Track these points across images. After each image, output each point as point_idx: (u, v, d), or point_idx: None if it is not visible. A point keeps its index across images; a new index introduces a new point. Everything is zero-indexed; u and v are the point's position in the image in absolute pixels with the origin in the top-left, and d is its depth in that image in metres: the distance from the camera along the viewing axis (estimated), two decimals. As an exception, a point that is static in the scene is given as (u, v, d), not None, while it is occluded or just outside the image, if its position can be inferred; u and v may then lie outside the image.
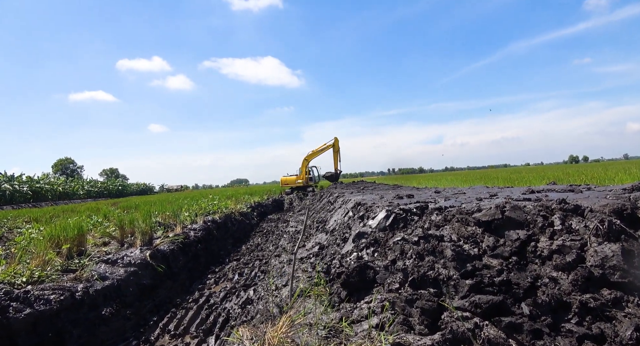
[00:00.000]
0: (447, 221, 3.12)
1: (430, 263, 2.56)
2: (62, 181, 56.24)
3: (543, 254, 2.42)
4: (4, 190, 39.25)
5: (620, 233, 2.26)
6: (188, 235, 9.84)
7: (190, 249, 9.35)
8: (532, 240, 2.54)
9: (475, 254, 2.57)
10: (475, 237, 2.74)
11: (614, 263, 2.11)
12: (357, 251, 3.75)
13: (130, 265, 6.49)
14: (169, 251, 8.07)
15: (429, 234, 2.88)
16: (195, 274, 8.77)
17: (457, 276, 2.39)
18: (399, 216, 3.86)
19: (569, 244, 2.34)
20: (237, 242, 13.20)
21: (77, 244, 6.68)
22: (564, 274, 2.22)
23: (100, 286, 5.32)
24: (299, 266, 4.85)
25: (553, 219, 2.58)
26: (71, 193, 53.48)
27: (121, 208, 17.54)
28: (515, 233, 2.61)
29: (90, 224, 10.09)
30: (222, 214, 14.04)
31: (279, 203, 27.79)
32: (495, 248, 2.58)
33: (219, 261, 10.24)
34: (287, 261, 5.56)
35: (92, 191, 61.11)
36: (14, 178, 44.18)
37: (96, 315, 4.93)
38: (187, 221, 11.56)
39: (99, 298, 5.14)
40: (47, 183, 48.88)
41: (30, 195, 43.54)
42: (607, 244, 2.22)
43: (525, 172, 29.21)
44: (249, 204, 20.49)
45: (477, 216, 2.88)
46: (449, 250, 2.52)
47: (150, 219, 9.69)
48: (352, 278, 3.09)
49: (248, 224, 16.79)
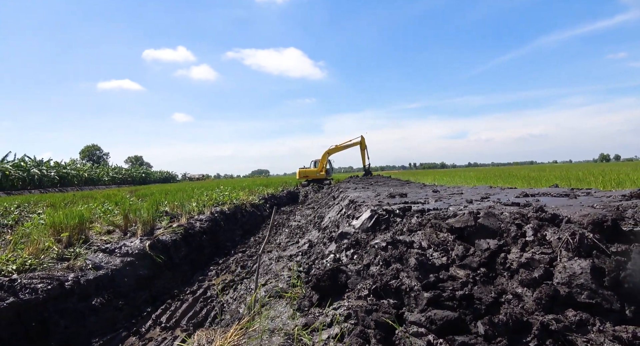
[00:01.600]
0: (422, 226, 2.96)
1: (395, 271, 2.42)
2: (88, 167, 58.02)
3: (512, 267, 2.24)
4: (32, 174, 40.83)
5: (592, 248, 2.06)
6: (193, 226, 9.90)
7: (195, 240, 9.40)
8: (503, 251, 2.36)
9: (442, 263, 2.41)
10: (446, 245, 2.58)
11: (581, 282, 1.92)
12: (337, 253, 3.63)
13: (128, 255, 6.54)
14: (170, 242, 8.12)
15: (398, 240, 2.73)
16: (198, 265, 8.81)
17: (419, 287, 2.24)
18: (381, 217, 3.71)
19: (538, 257, 2.15)
20: (246, 234, 13.23)
21: (77, 233, 6.80)
22: (529, 291, 2.04)
23: (93, 276, 5.38)
24: (287, 264, 4.77)
25: (526, 229, 2.39)
26: (96, 179, 55.19)
27: (137, 196, 17.88)
28: (485, 243, 2.43)
29: (101, 211, 10.30)
30: (232, 206, 14.10)
31: (294, 195, 27.81)
32: (464, 258, 2.41)
33: (225, 252, 10.27)
34: (277, 258, 5.49)
35: (116, 177, 62.90)
36: (42, 163, 45.83)
37: (86, 305, 4.99)
38: (195, 211, 11.64)
39: (90, 288, 5.20)
40: (73, 169, 50.55)
41: (58, 180, 45.18)
42: (577, 260, 2.02)
43: (549, 170, 28.25)
44: (262, 195, 20.57)
45: (451, 222, 2.70)
46: (412, 259, 2.36)
47: (155, 208, 9.80)
48: (323, 282, 2.97)
49: (259, 216, 16.84)
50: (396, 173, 61.04)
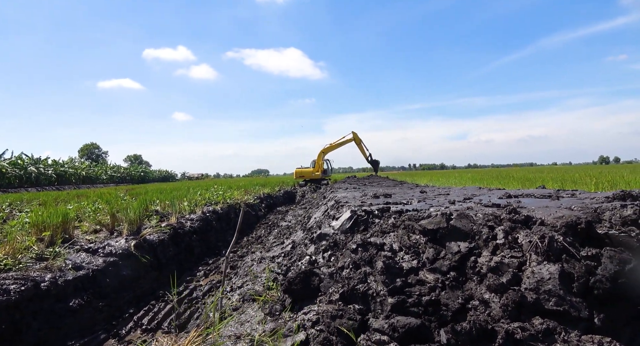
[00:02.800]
0: (396, 227, 2.86)
1: (362, 275, 2.32)
2: (86, 165, 57.94)
3: (482, 271, 2.14)
4: (30, 172, 40.75)
5: (562, 252, 1.96)
6: (183, 225, 9.80)
7: (184, 239, 9.29)
8: (474, 254, 2.26)
9: (411, 267, 2.31)
10: (418, 247, 2.48)
11: (549, 288, 1.82)
12: (314, 254, 3.53)
13: (111, 255, 6.44)
14: (157, 241, 8.01)
15: (368, 242, 2.63)
16: (187, 265, 8.70)
17: (385, 292, 2.14)
18: (360, 218, 3.61)
19: (507, 261, 2.05)
20: (239, 233, 13.13)
21: (61, 232, 6.69)
22: (497, 297, 1.94)
23: (72, 276, 5.27)
24: (268, 265, 4.66)
25: (497, 232, 2.29)
26: (94, 177, 55.11)
27: (130, 195, 17.77)
28: (456, 245, 2.33)
29: (91, 210, 10.19)
30: (225, 205, 14.00)
31: (291, 195, 27.71)
32: (435, 261, 2.31)
33: (215, 252, 10.17)
34: (259, 259, 5.39)
35: (114, 176, 62.83)
36: (40, 161, 45.73)
37: (63, 306, 4.88)
38: (186, 210, 11.54)
39: (68, 289, 5.09)
40: (71, 167, 50.44)
41: (55, 178, 45.10)
42: (546, 265, 1.92)
43: (547, 172, 28.16)
44: (258, 195, 20.47)
45: (423, 223, 2.60)
46: (379, 262, 2.26)
47: (144, 207, 9.70)
48: (295, 285, 2.87)
49: (254, 216, 16.72)
50: (395, 173, 60.94)
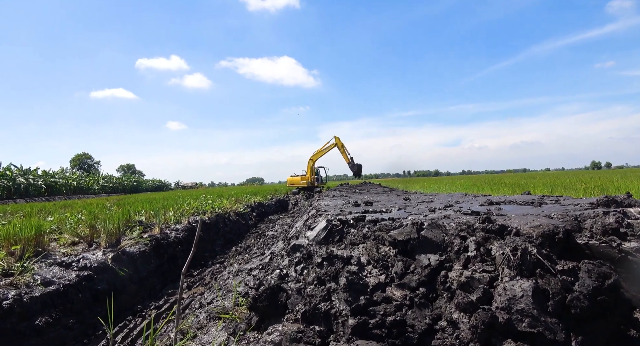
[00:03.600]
0: (366, 238, 2.68)
1: (325, 293, 2.12)
2: (77, 176, 57.34)
3: (452, 287, 1.95)
4: (18, 184, 40.18)
5: (536, 266, 1.78)
6: (167, 236, 9.54)
7: (167, 251, 9.03)
8: (445, 268, 2.08)
9: (378, 282, 2.12)
10: (387, 260, 2.29)
11: (522, 306, 1.64)
12: (287, 267, 3.33)
13: (86, 269, 6.17)
14: (137, 253, 7.76)
15: (334, 255, 2.44)
16: (170, 278, 8.44)
17: (348, 311, 1.95)
18: (335, 228, 3.42)
19: (478, 276, 1.87)
20: (228, 243, 12.85)
21: (34, 245, 6.42)
22: (466, 317, 1.76)
23: (40, 293, 5.00)
24: (245, 278, 4.45)
25: (468, 243, 2.11)
26: (86, 187, 54.49)
27: (118, 205, 17.45)
28: (426, 258, 2.15)
29: (74, 222, 9.90)
30: (213, 215, 13.73)
31: (283, 203, 27.45)
32: (404, 276, 2.13)
33: (201, 264, 9.90)
34: (237, 271, 5.16)
35: (107, 186, 62.18)
36: (29, 171, 45.14)
37: (28, 325, 4.62)
38: (172, 221, 11.27)
39: (35, 306, 4.83)
40: (61, 178, 49.86)
41: (45, 189, 44.48)
42: (519, 281, 1.74)
43: (539, 178, 28.18)
44: (249, 204, 20.21)
45: (394, 234, 2.42)
46: (343, 278, 2.07)
47: (126, 218, 9.44)
48: (260, 303, 2.66)
49: (244, 225, 16.47)
50: (389, 180, 60.87)
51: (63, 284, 5.54)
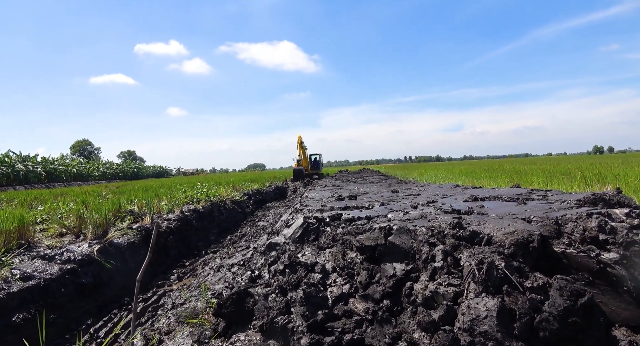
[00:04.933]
0: (335, 241, 2.52)
1: (284, 305, 1.98)
2: (77, 162, 57.27)
3: (417, 300, 1.80)
4: (17, 170, 40.14)
5: (503, 281, 1.62)
6: (158, 226, 9.42)
7: (158, 241, 8.92)
8: (411, 278, 1.93)
9: (341, 293, 1.97)
10: (353, 268, 2.13)
11: (485, 328, 1.49)
12: (261, 268, 3.18)
13: (69, 262, 6.06)
14: (125, 245, 7.65)
15: (297, 262, 2.29)
16: (160, 269, 8.34)
17: (304, 327, 1.80)
18: (311, 226, 3.26)
19: (442, 291, 1.72)
20: (223, 232, 12.75)
21: (17, 237, 6.31)
22: (427, 337, 1.61)
23: (18, 288, 4.90)
24: (224, 275, 4.32)
25: (435, 252, 1.95)
26: (86, 174, 54.52)
27: (114, 193, 17.37)
28: (391, 267, 1.99)
29: (65, 211, 9.79)
30: (208, 203, 13.60)
31: (282, 190, 27.37)
32: (368, 286, 1.98)
33: (194, 253, 9.81)
34: (218, 267, 5.03)
35: (107, 173, 62.19)
36: (28, 158, 45.04)
37: (4, 322, 4.52)
38: (164, 210, 11.14)
39: (12, 302, 4.73)
40: (61, 164, 49.78)
41: (44, 176, 44.49)
42: (484, 298, 1.58)
43: (540, 163, 27.97)
44: (247, 191, 20.10)
45: (361, 238, 2.26)
46: (300, 290, 1.92)
47: (116, 208, 9.33)
48: (226, 309, 2.52)
49: (240, 213, 16.36)
50: (389, 166, 60.71)
51: (44, 279, 5.43)
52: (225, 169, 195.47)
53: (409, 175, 18.53)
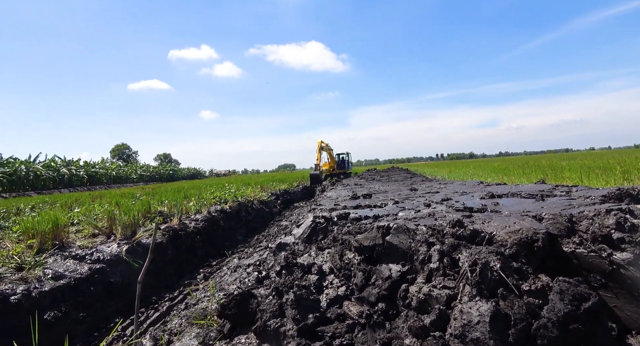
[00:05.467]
0: (336, 241, 2.45)
1: (277, 308, 1.93)
2: (116, 165, 59.84)
3: (412, 303, 1.71)
4: (62, 174, 42.41)
5: (498, 285, 1.50)
6: (186, 226, 9.63)
7: (185, 241, 9.12)
8: (407, 280, 1.83)
9: (336, 296, 1.91)
10: (350, 269, 2.06)
11: (477, 335, 1.38)
12: (269, 269, 3.16)
13: (99, 261, 6.30)
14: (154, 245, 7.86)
15: (294, 263, 2.23)
16: (187, 268, 8.52)
17: (295, 331, 1.75)
18: (319, 225, 3.21)
19: (436, 293, 1.61)
20: (250, 232, 12.90)
21: (51, 238, 6.62)
22: (417, 344, 1.52)
23: (49, 287, 5.12)
24: (240, 275, 4.34)
25: (432, 252, 1.83)
26: (124, 177, 56.89)
27: (147, 194, 18.00)
28: (387, 269, 1.90)
29: (100, 212, 10.21)
30: (235, 204, 13.79)
31: (310, 190, 27.45)
32: (364, 288, 1.90)
33: (221, 253, 9.96)
34: (235, 267, 5.06)
35: (144, 175, 64.65)
36: (72, 162, 47.48)
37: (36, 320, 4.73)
38: (192, 211, 11.39)
39: (45, 301, 4.95)
40: (102, 168, 52.19)
41: (86, 179, 46.80)
42: (477, 302, 1.47)
43: (580, 158, 26.60)
44: (274, 191, 20.27)
45: (360, 238, 2.17)
46: (291, 292, 1.87)
47: (144, 209, 9.63)
48: (229, 310, 2.51)
49: (268, 213, 16.50)
50: (420, 164, 59.66)
51: (74, 278, 5.66)
52: (256, 170, 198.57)
53: (437, 173, 18.09)
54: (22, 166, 36.28)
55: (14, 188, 34.78)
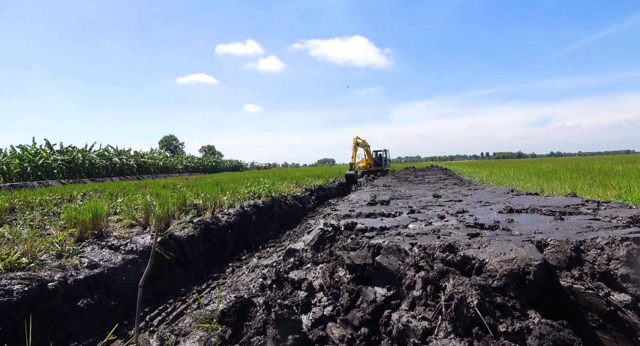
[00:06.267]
0: (331, 256, 2.40)
1: (263, 324, 1.93)
2: (163, 156, 62.69)
3: (392, 332, 1.65)
4: (114, 163, 45.05)
5: (473, 323, 1.40)
6: (218, 220, 9.92)
7: (217, 235, 9.39)
8: (391, 306, 1.77)
9: (321, 316, 1.88)
10: (339, 287, 2.02)
11: None
12: (278, 273, 3.18)
13: (132, 252, 6.62)
14: (185, 237, 8.15)
15: (285, 278, 2.22)
16: (217, 261, 8.78)
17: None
18: (327, 234, 3.18)
19: (413, 325, 1.54)
20: (282, 227, 13.07)
21: (91, 227, 7.04)
22: (390, 376, 1.46)
23: (84, 275, 5.46)
24: (257, 275, 4.41)
25: (416, 279, 1.75)
26: (171, 167, 59.53)
27: (187, 186, 18.72)
28: (372, 292, 1.84)
29: (141, 203, 10.74)
30: (269, 199, 14.00)
31: (346, 187, 27.38)
32: (349, 310, 1.86)
33: (251, 248, 10.18)
34: (253, 267, 5.14)
35: (189, 166, 67.33)
36: (123, 152, 50.29)
37: (70, 306, 5.05)
38: (225, 205, 11.69)
39: (79, 288, 5.27)
40: (150, 158, 54.91)
41: (136, 168, 49.46)
42: (452, 340, 1.39)
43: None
44: (308, 187, 20.39)
45: (352, 256, 2.12)
46: (272, 312, 1.86)
47: (179, 202, 10.01)
48: (229, 317, 2.56)
49: (301, 209, 16.64)
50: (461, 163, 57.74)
51: (108, 268, 5.99)
52: (296, 164, 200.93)
53: (477, 174, 17.41)
54: (79, 154, 38.83)
55: (71, 175, 37.35)
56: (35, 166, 32.49)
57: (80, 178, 37.23)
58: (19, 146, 34.51)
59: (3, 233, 6.63)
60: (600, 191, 7.71)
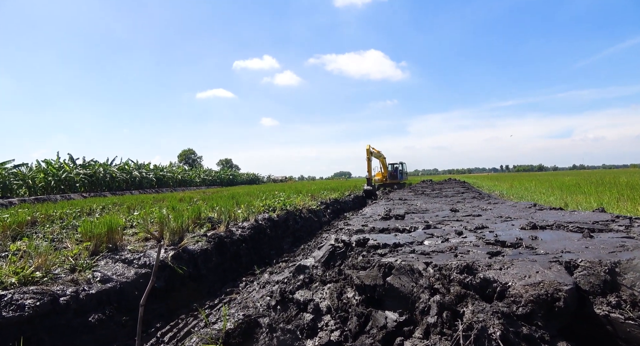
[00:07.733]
0: (340, 275, 2.26)
1: (268, 344, 1.80)
2: (182, 169, 63.74)
3: (405, 362, 1.49)
4: (134, 177, 45.99)
5: None
6: (232, 234, 9.85)
7: (230, 249, 9.31)
8: (403, 333, 1.61)
9: (327, 342, 1.73)
10: (348, 310, 1.87)
11: None
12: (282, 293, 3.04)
13: (145, 266, 6.58)
14: (199, 251, 8.09)
15: (290, 299, 2.08)
16: (231, 276, 8.68)
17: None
18: (337, 250, 3.03)
19: None
20: (297, 241, 12.94)
21: (106, 241, 7.05)
22: None
23: (96, 290, 5.42)
24: (267, 291, 4.28)
25: (430, 303, 1.59)
26: (189, 180, 60.44)
27: (203, 199, 18.82)
28: (383, 317, 1.69)
29: (157, 217, 10.79)
30: (283, 212, 13.90)
31: (362, 200, 27.14)
32: (358, 336, 1.70)
33: (265, 262, 10.06)
34: (265, 283, 5.00)
35: (206, 179, 68.23)
36: (142, 166, 51.34)
37: (82, 321, 5.00)
38: (240, 218, 11.64)
39: (90, 303, 5.22)
40: (169, 171, 55.88)
41: (155, 181, 50.37)
42: None
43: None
44: (324, 200, 20.25)
45: (362, 275, 1.97)
46: (274, 336, 1.72)
47: (194, 216, 10.00)
48: (234, 339, 2.43)
49: (317, 222, 16.49)
50: (480, 176, 56.76)
51: (121, 282, 5.95)
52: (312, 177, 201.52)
53: (496, 187, 16.94)
54: (100, 168, 39.77)
55: (93, 189, 38.23)
56: (58, 180, 33.42)
57: (101, 192, 38.06)
58: (44, 160, 35.57)
59: (21, 247, 6.70)
60: (629, 206, 7.34)
